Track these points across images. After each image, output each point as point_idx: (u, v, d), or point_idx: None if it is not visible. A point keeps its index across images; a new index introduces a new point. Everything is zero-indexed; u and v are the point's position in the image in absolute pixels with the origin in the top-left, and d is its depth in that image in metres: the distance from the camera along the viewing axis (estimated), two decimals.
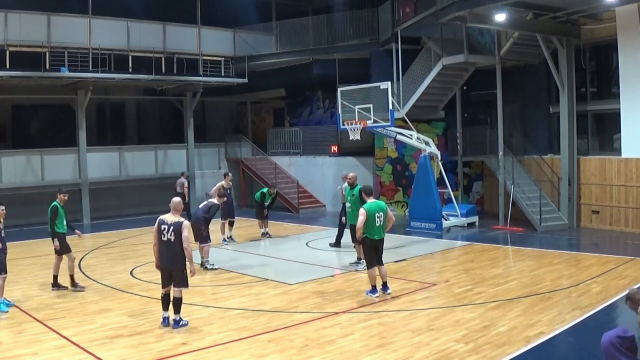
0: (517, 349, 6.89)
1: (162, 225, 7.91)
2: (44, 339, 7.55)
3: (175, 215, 7.97)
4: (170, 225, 7.84)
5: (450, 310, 8.56)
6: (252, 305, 9.05)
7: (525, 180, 17.17)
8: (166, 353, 7.00)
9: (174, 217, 7.96)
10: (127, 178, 21.33)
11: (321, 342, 7.28)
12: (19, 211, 17.49)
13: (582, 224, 16.44)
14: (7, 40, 17.52)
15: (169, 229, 7.83)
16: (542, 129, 18.25)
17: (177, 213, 8.03)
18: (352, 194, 11.72)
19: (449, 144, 20.13)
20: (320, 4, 23.54)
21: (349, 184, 12.05)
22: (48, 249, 13.41)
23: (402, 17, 18.57)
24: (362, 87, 16.57)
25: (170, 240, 7.80)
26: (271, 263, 12.95)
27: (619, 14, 15.20)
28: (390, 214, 9.62)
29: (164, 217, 8.00)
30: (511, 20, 15.04)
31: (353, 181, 12.01)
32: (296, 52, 22.35)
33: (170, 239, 7.79)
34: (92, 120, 22.58)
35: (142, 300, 9.51)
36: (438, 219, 16.42)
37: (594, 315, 8.17)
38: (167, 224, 7.87)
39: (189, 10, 21.42)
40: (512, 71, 18.17)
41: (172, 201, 8.18)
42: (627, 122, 15.30)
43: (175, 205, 8.09)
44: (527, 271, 11.10)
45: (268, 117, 28.16)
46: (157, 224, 7.96)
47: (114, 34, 19.72)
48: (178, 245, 7.77)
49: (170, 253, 7.83)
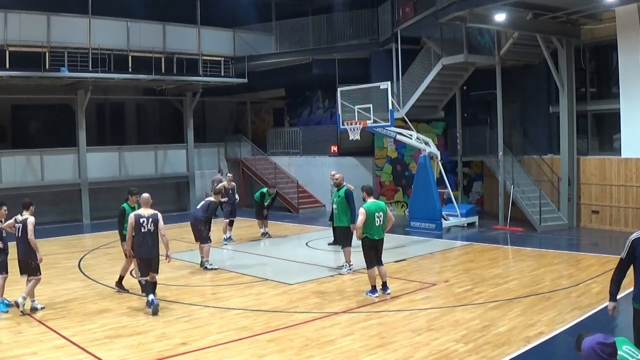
0: (517, 349, 6.89)
1: (140, 219, 8.75)
2: (43, 339, 7.55)
3: (147, 209, 8.89)
4: (148, 217, 8.77)
5: (450, 310, 8.56)
6: (252, 305, 9.05)
7: (525, 180, 17.17)
8: (166, 353, 7.00)
9: (147, 210, 8.88)
10: (127, 178, 21.31)
11: (321, 342, 7.28)
12: (19, 211, 17.48)
13: (582, 224, 16.44)
14: (7, 40, 17.52)
15: (148, 221, 8.75)
16: (542, 129, 18.25)
17: (148, 206, 8.93)
18: (339, 195, 11.30)
19: (449, 144, 20.14)
20: (320, 4, 23.53)
21: (335, 185, 11.65)
22: (48, 249, 13.44)
23: (402, 17, 18.56)
24: (362, 87, 16.57)
25: (150, 230, 8.74)
26: (271, 263, 12.95)
27: (618, 14, 15.20)
28: (390, 214, 9.60)
29: (138, 212, 8.90)
30: (511, 20, 15.04)
31: (339, 182, 11.50)
32: (296, 52, 22.35)
33: (150, 229, 8.73)
34: (92, 120, 22.59)
35: (142, 300, 9.49)
36: (438, 219, 16.41)
37: (594, 315, 8.16)
38: (145, 217, 8.78)
39: (188, 10, 21.42)
40: (512, 71, 18.17)
41: (142, 196, 9.13)
42: (627, 122, 15.30)
43: (146, 200, 9.02)
44: (527, 271, 11.10)
45: (268, 117, 28.17)
46: (135, 218, 8.77)
47: (113, 34, 19.72)
48: (156, 234, 8.78)
49: (152, 242, 8.77)
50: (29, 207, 9.01)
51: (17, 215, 8.93)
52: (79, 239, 16.88)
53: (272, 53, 22.92)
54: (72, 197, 20.33)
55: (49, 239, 16.22)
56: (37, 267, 8.81)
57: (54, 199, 20.23)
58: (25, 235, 8.67)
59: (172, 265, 12.32)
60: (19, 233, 8.76)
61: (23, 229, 8.71)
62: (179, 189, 23.94)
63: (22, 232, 8.73)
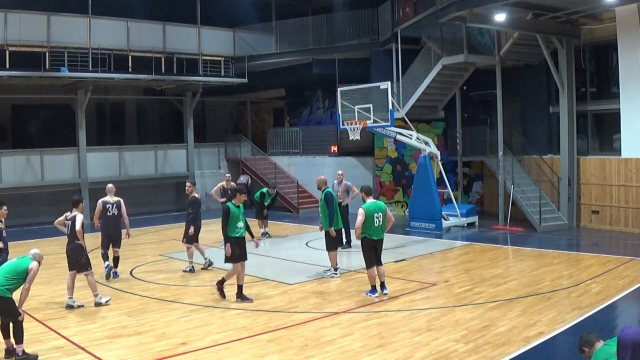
0: (517, 349, 6.89)
1: (107, 204, 10.90)
2: (43, 338, 7.55)
3: (112, 196, 11.03)
4: (113, 203, 10.92)
5: (450, 310, 8.56)
6: (252, 305, 9.05)
7: (525, 180, 17.17)
8: (166, 353, 7.00)
9: (112, 197, 11.01)
10: (127, 178, 21.31)
11: (321, 342, 7.28)
12: (19, 211, 17.51)
13: (582, 224, 16.43)
14: (7, 40, 17.50)
15: (113, 207, 10.90)
16: (542, 129, 18.25)
17: (112, 194, 11.08)
18: (320, 198, 11.11)
19: (449, 144, 20.14)
20: (320, 4, 23.52)
21: (317, 187, 11.49)
22: (48, 249, 13.42)
23: (402, 17, 18.56)
24: (362, 87, 16.56)
25: (114, 214, 10.88)
26: (271, 263, 12.95)
27: (618, 14, 15.20)
28: (390, 214, 9.59)
29: (105, 199, 10.96)
30: (511, 20, 15.05)
31: (319, 184, 11.34)
32: (296, 52, 22.34)
33: (114, 213, 10.88)
34: (92, 120, 22.59)
35: (142, 300, 9.51)
36: (438, 219, 16.41)
37: (594, 315, 8.16)
38: (111, 203, 10.92)
39: (188, 10, 21.41)
40: (512, 71, 18.17)
41: (107, 187, 11.22)
42: (627, 122, 15.30)
43: (110, 189, 11.19)
44: (527, 271, 11.10)
45: (268, 117, 28.17)
46: (102, 204, 10.87)
47: (113, 34, 19.71)
48: (119, 217, 10.92)
49: (115, 224, 10.95)
50: (78, 205, 9.28)
51: (67, 213, 9.26)
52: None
53: (272, 53, 22.90)
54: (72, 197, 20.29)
55: (49, 239, 16.20)
56: (87, 262, 9.16)
57: (53, 199, 20.19)
58: (74, 232, 8.90)
59: (173, 265, 12.35)
60: (69, 230, 9.05)
61: (72, 225, 8.98)
62: (179, 189, 23.87)
63: (71, 229, 9.00)
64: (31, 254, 7.05)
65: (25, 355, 6.72)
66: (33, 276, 6.83)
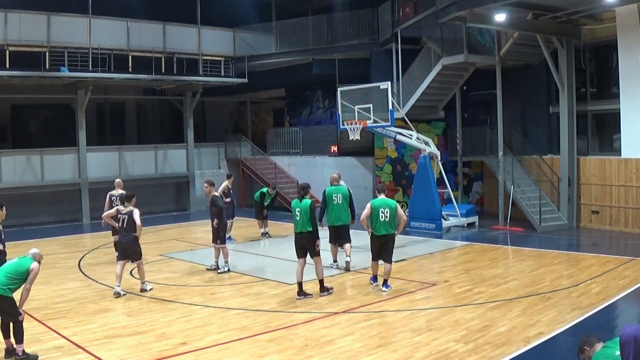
0: (517, 349, 6.89)
1: (112, 197, 12.34)
2: (43, 338, 7.54)
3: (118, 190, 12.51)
4: (117, 196, 12.15)
5: (450, 310, 8.56)
6: (252, 305, 9.05)
7: (525, 181, 17.17)
8: (166, 353, 7.00)
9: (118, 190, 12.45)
10: (127, 178, 21.21)
11: (321, 342, 7.28)
12: (18, 211, 17.51)
13: (582, 224, 16.43)
14: (7, 40, 17.50)
15: (117, 199, 12.04)
16: (542, 129, 18.25)
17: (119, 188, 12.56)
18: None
19: (449, 144, 20.13)
20: (320, 4, 23.52)
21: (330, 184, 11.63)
22: (48, 249, 13.44)
23: (402, 17, 18.57)
24: (362, 87, 16.55)
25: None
26: (271, 263, 12.96)
27: (618, 14, 15.20)
28: (401, 212, 9.61)
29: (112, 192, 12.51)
30: (511, 20, 15.04)
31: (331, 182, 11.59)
32: (296, 52, 22.34)
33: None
34: (92, 120, 22.58)
35: (142, 300, 9.51)
36: (438, 219, 16.41)
37: (594, 316, 8.16)
38: (116, 196, 12.26)
39: (189, 10, 21.41)
40: (512, 71, 18.17)
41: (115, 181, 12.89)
42: (627, 122, 15.30)
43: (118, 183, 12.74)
44: (527, 271, 11.09)
45: (268, 117, 28.16)
46: (109, 197, 12.40)
47: (113, 34, 19.71)
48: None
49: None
50: (131, 200, 9.93)
51: (120, 207, 10.13)
52: (78, 238, 16.86)
53: (272, 53, 22.91)
54: (72, 196, 20.33)
55: (49, 238, 16.23)
56: (140, 252, 9.86)
57: (53, 199, 20.24)
58: (131, 225, 9.63)
59: (173, 265, 12.35)
60: (124, 224, 9.69)
61: (129, 219, 9.65)
62: (179, 189, 23.93)
63: (127, 222, 9.66)
64: (31, 254, 7.04)
65: (25, 355, 6.72)
66: (34, 276, 6.84)
